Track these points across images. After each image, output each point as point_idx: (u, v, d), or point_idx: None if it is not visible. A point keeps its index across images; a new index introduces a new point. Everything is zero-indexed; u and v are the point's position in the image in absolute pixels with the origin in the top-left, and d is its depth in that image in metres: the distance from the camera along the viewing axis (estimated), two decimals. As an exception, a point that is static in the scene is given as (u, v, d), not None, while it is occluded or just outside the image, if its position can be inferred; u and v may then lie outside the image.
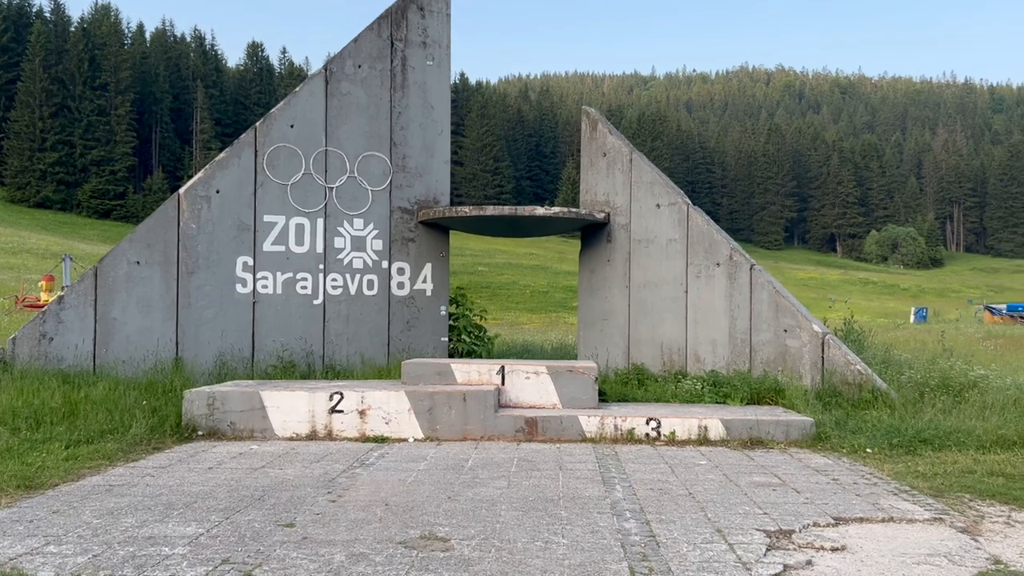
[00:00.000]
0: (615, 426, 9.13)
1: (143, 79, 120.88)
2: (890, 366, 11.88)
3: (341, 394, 9.22)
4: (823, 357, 10.81)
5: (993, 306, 59.05)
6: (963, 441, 8.50)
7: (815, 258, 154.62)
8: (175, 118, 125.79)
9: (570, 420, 9.18)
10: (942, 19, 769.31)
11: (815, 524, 5.76)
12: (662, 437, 9.10)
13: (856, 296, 79.93)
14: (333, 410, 9.21)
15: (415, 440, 9.14)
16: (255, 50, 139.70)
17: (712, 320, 11.86)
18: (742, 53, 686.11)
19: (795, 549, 5.17)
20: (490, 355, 13.67)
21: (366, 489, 6.78)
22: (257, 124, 12.44)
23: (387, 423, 9.19)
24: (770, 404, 10.44)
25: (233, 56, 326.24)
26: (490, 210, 12.42)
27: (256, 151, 12.30)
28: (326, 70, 12.74)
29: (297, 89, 12.77)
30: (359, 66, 12.88)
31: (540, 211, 12.39)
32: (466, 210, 12.44)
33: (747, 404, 10.42)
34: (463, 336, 13.62)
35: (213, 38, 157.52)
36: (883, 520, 5.89)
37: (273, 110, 12.59)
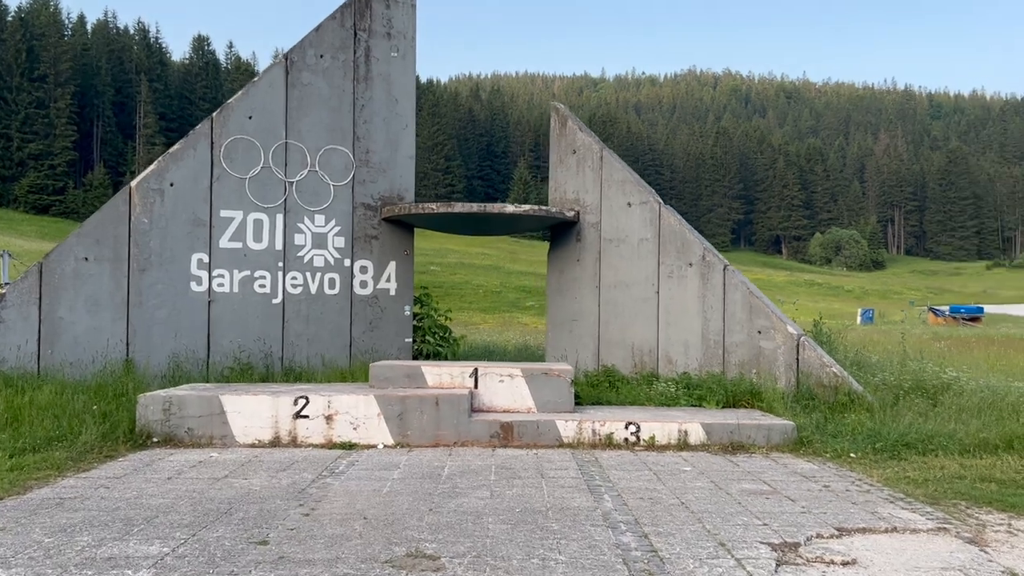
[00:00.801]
0: (593, 431, 8.83)
1: (84, 71, 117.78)
2: (862, 368, 11.80)
3: (306, 398, 8.76)
4: (798, 359, 10.65)
5: (936, 308, 60.37)
6: (945, 445, 8.37)
7: (761, 260, 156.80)
8: (118, 112, 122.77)
9: (547, 425, 8.85)
10: (884, 27, 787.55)
11: (818, 536, 5.50)
12: (641, 442, 8.81)
13: (803, 298, 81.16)
14: (298, 415, 8.75)
15: (385, 446, 8.72)
16: (201, 44, 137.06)
17: (684, 321, 11.64)
18: (690, 57, 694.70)
19: (805, 564, 4.90)
20: (455, 357, 13.28)
21: (340, 501, 6.37)
22: (214, 114, 11.88)
23: (355, 429, 8.75)
24: (746, 407, 10.23)
25: (178, 50, 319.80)
26: (458, 207, 12.04)
27: (212, 143, 11.75)
28: (286, 59, 12.23)
29: (256, 79, 12.25)
30: (321, 56, 12.39)
31: (510, 209, 12.04)
32: (433, 207, 12.04)
33: (723, 407, 10.20)
34: (427, 337, 13.21)
35: (158, 31, 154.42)
36: (886, 530, 5.66)
37: (231, 100, 12.05)
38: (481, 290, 61.69)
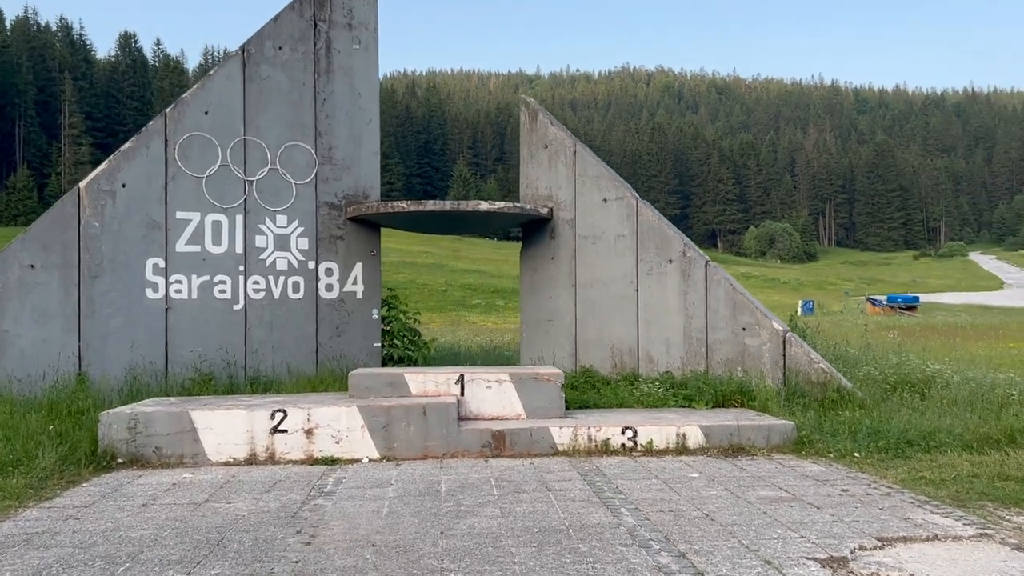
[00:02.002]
0: (589, 437, 8.44)
1: (3, 70, 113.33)
2: (842, 362, 11.65)
3: (284, 411, 8.19)
4: (784, 355, 10.42)
5: (875, 297, 61.66)
6: (947, 441, 8.19)
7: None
8: (41, 111, 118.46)
9: (540, 432, 8.43)
10: (810, 23, 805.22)
11: (861, 547, 5.20)
12: (639, 447, 8.46)
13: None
14: (275, 430, 8.17)
15: (370, 460, 8.20)
16: (127, 41, 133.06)
17: (665, 319, 11.34)
18: (623, 54, 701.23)
19: (862, 581, 4.59)
20: (427, 361, 12.78)
21: (340, 526, 5.86)
22: (167, 110, 11.16)
23: (338, 443, 8.22)
24: (736, 406, 9.97)
25: (103, 47, 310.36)
26: (430, 205, 11.54)
27: (166, 140, 11.04)
28: (243, 52, 11.56)
29: (212, 72, 11.55)
30: (279, 48, 11.76)
31: (484, 206, 11.59)
32: (404, 205, 11.52)
33: (713, 407, 9.92)
34: (396, 341, 12.67)
35: (82, 28, 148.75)
36: (927, 539, 5.39)
37: (185, 95, 11.33)
38: (426, 289, 60.95)
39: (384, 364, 12.30)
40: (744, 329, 10.75)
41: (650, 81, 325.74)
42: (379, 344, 12.18)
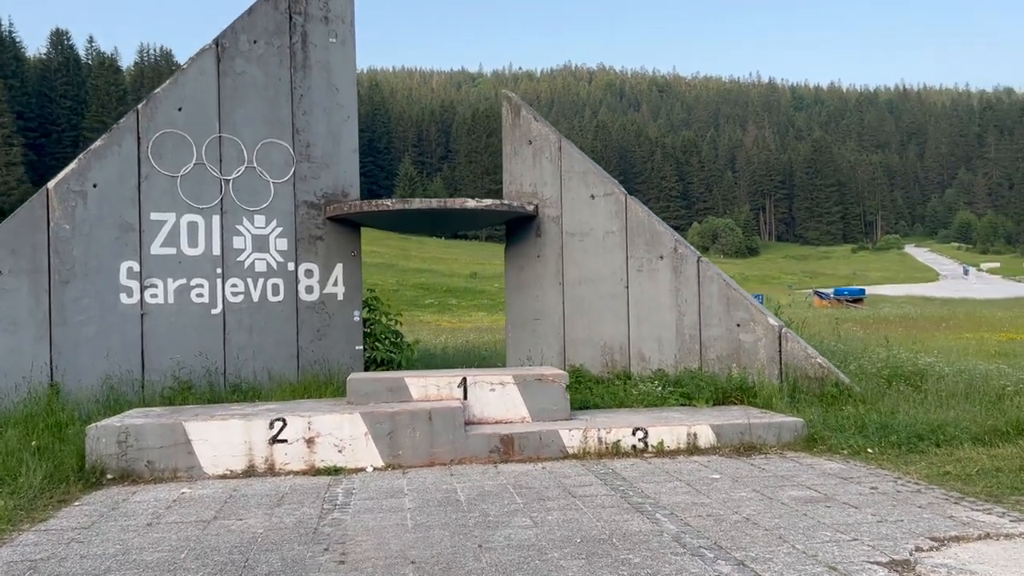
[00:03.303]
0: (599, 439, 8.23)
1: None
2: (831, 357, 11.63)
3: (284, 420, 7.81)
4: (781, 351, 10.35)
5: (821, 291, 62.74)
6: (956, 435, 8.18)
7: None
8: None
9: (549, 435, 8.19)
10: (746, 22, 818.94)
11: (919, 549, 5.07)
12: (650, 448, 8.28)
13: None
14: (275, 440, 7.79)
15: (375, 469, 7.87)
16: (59, 38, 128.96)
17: (657, 316, 11.19)
18: (565, 52, 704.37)
19: (934, 584, 4.45)
20: (410, 363, 12.44)
21: (368, 541, 5.54)
22: (139, 106, 10.65)
23: (340, 451, 7.87)
24: (736, 403, 9.86)
25: (33, 45, 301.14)
26: (416, 203, 11.22)
27: (139, 138, 10.53)
28: (217, 45, 11.09)
29: (185, 66, 11.06)
30: (255, 41, 11.31)
31: (471, 204, 11.30)
32: (388, 203, 11.17)
33: (714, 405, 9.80)
34: (378, 344, 12.32)
35: (11, 24, 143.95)
36: (980, 538, 5.29)
37: (158, 90, 10.82)
38: (377, 289, 60.16)
39: (367, 367, 11.94)
40: (739, 325, 10.66)
41: (592, 79, 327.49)
42: (361, 347, 11.81)
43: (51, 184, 10.06)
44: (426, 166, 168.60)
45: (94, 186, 10.21)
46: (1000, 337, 22.63)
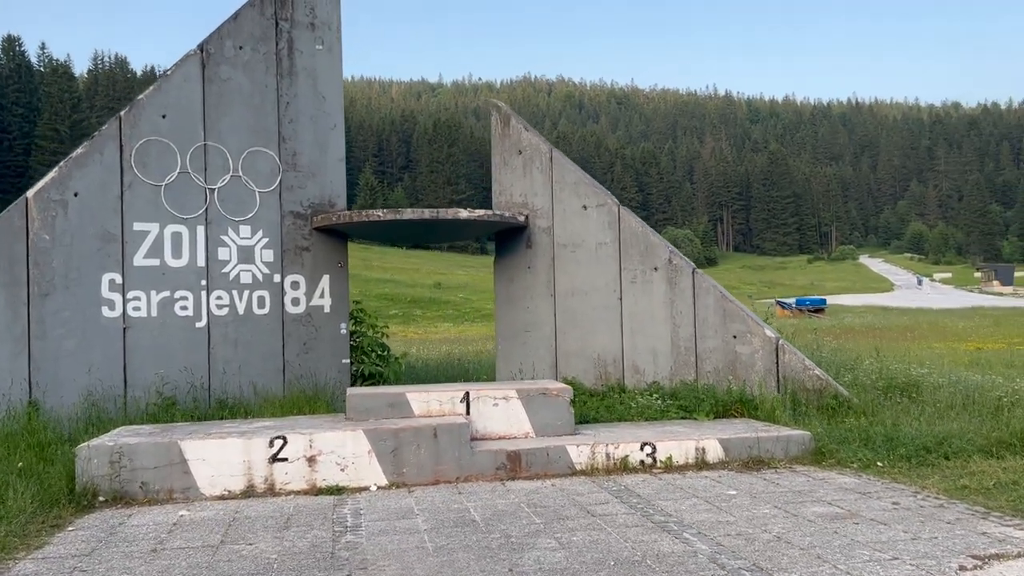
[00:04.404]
0: (607, 455, 8.06)
1: None
2: (825, 368, 11.60)
3: (284, 438, 7.53)
4: (778, 363, 10.30)
5: (783, 301, 63.33)
6: (964, 447, 8.14)
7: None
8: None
9: (557, 451, 8.01)
10: (701, 35, 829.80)
11: (962, 568, 4.98)
12: (658, 463, 8.13)
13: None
14: (275, 458, 7.51)
15: (378, 488, 7.62)
16: (11, 45, 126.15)
17: (652, 328, 11.08)
18: (524, 63, 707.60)
19: (989, 605, 4.35)
20: (398, 377, 12.19)
21: (391, 567, 5.31)
22: (122, 113, 10.29)
23: (343, 470, 7.61)
24: (737, 416, 9.77)
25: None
26: (408, 213, 10.97)
27: (122, 145, 10.17)
28: (202, 51, 10.78)
29: (168, 72, 10.73)
30: (240, 48, 11.01)
31: (464, 214, 11.09)
32: (379, 214, 10.92)
33: (714, 418, 9.69)
34: (364, 357, 12.04)
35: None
36: (1019, 555, 5.21)
37: (141, 96, 10.48)
38: (340, 300, 59.57)
39: (353, 382, 11.66)
40: (735, 337, 10.59)
41: (551, 91, 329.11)
42: (348, 360, 11.53)
43: (30, 193, 9.67)
44: (387, 176, 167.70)
45: (75, 195, 9.84)
46: (968, 347, 22.94)
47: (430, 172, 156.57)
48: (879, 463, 7.94)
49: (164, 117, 10.45)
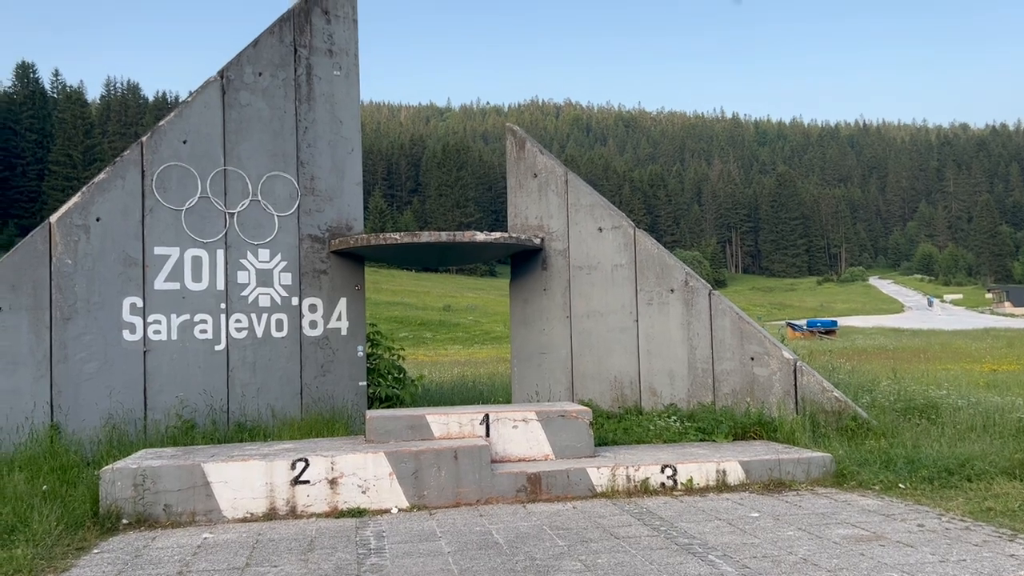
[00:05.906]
0: (627, 477, 8.06)
1: None
2: (843, 390, 11.58)
3: (306, 460, 7.56)
4: (796, 385, 10.29)
5: (794, 322, 63.18)
6: (986, 470, 8.10)
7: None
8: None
9: (577, 474, 8.01)
10: (709, 59, 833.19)
11: (991, 588, 4.97)
12: (679, 486, 8.12)
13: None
14: (297, 480, 7.53)
15: (399, 510, 7.63)
16: (25, 71, 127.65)
17: (668, 350, 11.09)
18: (532, 87, 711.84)
19: (1021, 627, 4.33)
20: (414, 399, 12.23)
21: (418, 588, 5.32)
22: (143, 139, 10.42)
23: (364, 492, 7.63)
24: (756, 439, 9.76)
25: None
26: (425, 236, 11.05)
27: (143, 171, 10.30)
28: (222, 77, 10.93)
29: (189, 98, 10.87)
30: (260, 74, 11.16)
31: (480, 237, 11.16)
32: (396, 237, 11.01)
33: (733, 440, 9.68)
34: (381, 379, 12.10)
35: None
36: (1048, 576, 5.19)
37: (162, 122, 10.61)
38: (351, 323, 59.65)
39: (370, 404, 11.71)
40: (752, 359, 10.59)
41: (559, 114, 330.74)
42: (365, 383, 11.58)
43: (53, 218, 9.78)
44: (396, 199, 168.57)
45: (97, 220, 9.95)
46: (984, 368, 22.84)
47: (439, 196, 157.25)
48: (901, 485, 7.91)
49: (185, 143, 10.58)
